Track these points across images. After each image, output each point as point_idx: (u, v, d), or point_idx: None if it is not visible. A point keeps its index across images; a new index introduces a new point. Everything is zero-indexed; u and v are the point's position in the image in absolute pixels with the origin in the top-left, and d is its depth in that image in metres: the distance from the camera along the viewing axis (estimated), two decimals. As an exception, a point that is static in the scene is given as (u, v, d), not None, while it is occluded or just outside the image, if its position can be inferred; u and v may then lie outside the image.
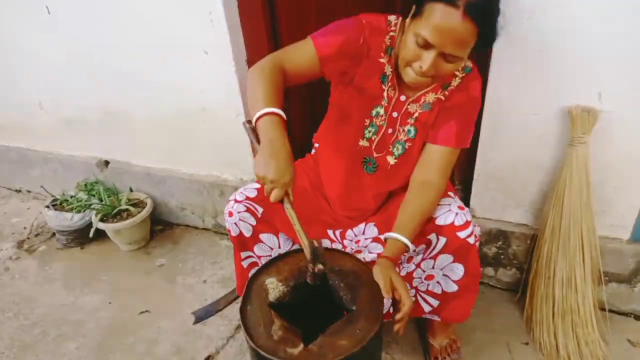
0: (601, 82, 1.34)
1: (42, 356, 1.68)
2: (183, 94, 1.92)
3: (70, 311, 1.88)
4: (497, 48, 1.35)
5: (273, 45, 1.75)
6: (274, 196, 1.04)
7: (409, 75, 1.14)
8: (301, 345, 1.01)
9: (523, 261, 1.73)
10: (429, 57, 1.07)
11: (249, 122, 1.12)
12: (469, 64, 1.24)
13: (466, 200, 1.77)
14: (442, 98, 1.25)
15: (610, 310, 1.65)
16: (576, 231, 1.48)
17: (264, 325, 1.06)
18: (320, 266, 1.07)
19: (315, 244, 1.08)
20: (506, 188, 1.64)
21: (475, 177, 1.67)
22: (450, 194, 1.36)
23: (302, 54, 1.21)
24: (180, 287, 1.97)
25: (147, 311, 1.85)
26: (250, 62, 1.78)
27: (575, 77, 1.36)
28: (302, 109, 1.86)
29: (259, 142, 1.08)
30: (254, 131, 1.11)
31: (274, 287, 1.16)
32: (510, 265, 1.78)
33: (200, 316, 1.79)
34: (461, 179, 1.77)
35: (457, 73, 1.23)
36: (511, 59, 1.39)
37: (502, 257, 1.77)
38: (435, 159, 1.28)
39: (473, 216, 1.75)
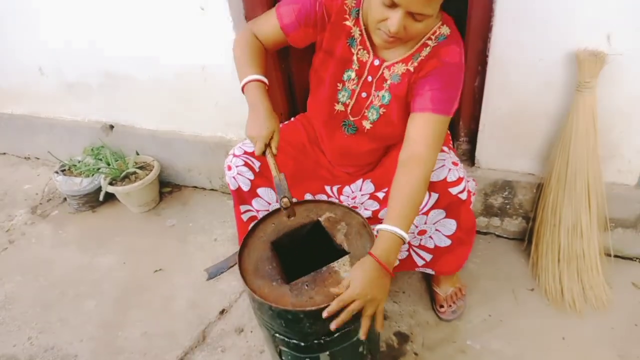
0: (610, 24, 1.29)
1: (64, 314, 1.76)
2: (182, 53, 1.89)
3: (87, 272, 1.94)
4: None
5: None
6: (256, 149, 1.14)
7: (380, 36, 1.12)
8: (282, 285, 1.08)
9: (529, 210, 1.74)
10: (396, 17, 1.04)
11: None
12: (446, 30, 1.18)
13: (472, 152, 1.76)
14: (412, 70, 1.21)
15: (616, 255, 1.66)
16: (582, 178, 1.47)
17: (257, 267, 1.13)
18: (284, 199, 1.08)
19: (280, 178, 1.11)
20: (512, 137, 1.63)
21: (480, 127, 1.65)
22: (445, 148, 1.34)
23: (268, 25, 1.30)
24: (191, 245, 2.01)
25: (161, 269, 1.90)
26: (249, 18, 1.73)
27: (582, 18, 1.31)
28: (305, 72, 1.82)
29: None
30: None
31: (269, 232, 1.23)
32: (516, 214, 1.78)
33: (213, 273, 1.84)
34: (466, 130, 1.75)
35: (428, 43, 1.19)
36: (515, 2, 1.34)
37: (508, 207, 1.77)
38: (418, 128, 1.16)
39: (478, 167, 1.75)
